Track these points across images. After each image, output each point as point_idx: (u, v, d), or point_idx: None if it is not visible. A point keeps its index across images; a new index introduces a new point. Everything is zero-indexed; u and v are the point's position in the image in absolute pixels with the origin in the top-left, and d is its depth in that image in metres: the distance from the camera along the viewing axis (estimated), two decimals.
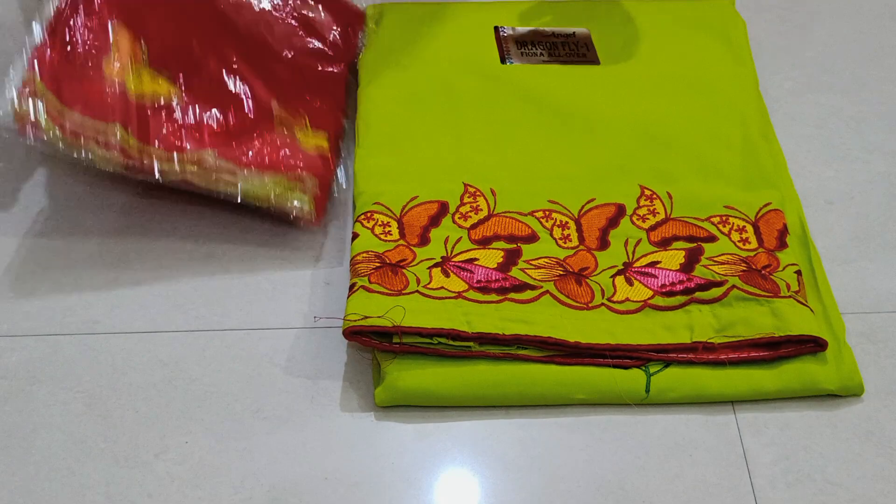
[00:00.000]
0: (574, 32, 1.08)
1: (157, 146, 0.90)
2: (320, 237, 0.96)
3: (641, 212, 0.93)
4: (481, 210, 0.94)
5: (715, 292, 0.87)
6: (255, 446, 0.82)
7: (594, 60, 1.05)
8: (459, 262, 0.90)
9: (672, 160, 0.97)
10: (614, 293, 0.88)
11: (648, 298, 0.87)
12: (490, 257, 0.90)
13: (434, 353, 0.83)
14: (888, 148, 1.06)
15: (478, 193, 0.95)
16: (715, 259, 0.89)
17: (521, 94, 1.03)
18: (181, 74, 0.96)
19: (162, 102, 0.92)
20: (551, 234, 0.92)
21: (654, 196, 0.94)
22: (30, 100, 0.86)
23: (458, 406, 0.83)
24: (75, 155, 0.88)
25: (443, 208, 0.94)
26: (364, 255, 0.90)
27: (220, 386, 0.85)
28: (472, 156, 0.98)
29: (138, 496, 0.79)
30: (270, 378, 0.86)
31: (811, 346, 0.84)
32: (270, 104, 0.98)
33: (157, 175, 0.90)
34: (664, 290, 0.88)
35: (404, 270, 0.89)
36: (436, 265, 0.89)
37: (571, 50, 1.06)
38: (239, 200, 0.93)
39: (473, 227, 0.92)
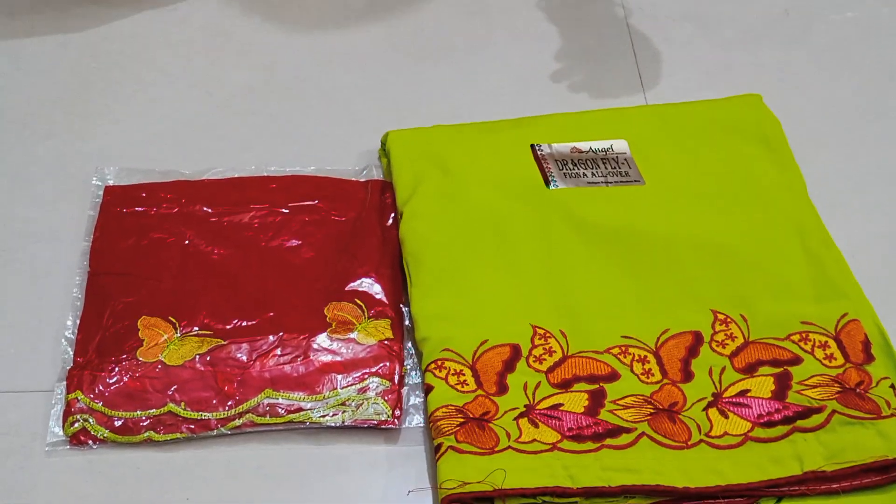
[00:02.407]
0: (612, 146, 1.05)
1: (213, 404, 0.88)
2: None
3: (719, 337, 0.91)
4: (555, 352, 0.90)
5: (816, 419, 0.85)
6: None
7: (638, 179, 1.02)
8: (545, 409, 0.87)
9: (739, 280, 0.94)
10: (711, 428, 0.85)
11: (748, 431, 0.85)
12: (575, 401, 0.87)
13: None
14: (888, 207, 1.06)
15: (548, 335, 0.91)
16: (806, 383, 0.88)
17: (574, 222, 0.98)
18: (216, 322, 0.93)
19: (208, 359, 0.90)
20: (632, 370, 0.89)
21: (729, 320, 0.92)
22: (78, 417, 0.87)
23: None
24: (136, 441, 0.87)
25: (515, 352, 0.90)
26: (444, 409, 0.86)
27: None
28: (535, 295, 0.94)
29: None
30: None
31: None
32: (322, 311, 0.94)
33: (223, 431, 0.88)
34: (762, 421, 0.85)
35: (491, 424, 0.85)
36: (521, 415, 0.86)
37: (612, 168, 1.03)
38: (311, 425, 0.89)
39: (550, 370, 0.89)
